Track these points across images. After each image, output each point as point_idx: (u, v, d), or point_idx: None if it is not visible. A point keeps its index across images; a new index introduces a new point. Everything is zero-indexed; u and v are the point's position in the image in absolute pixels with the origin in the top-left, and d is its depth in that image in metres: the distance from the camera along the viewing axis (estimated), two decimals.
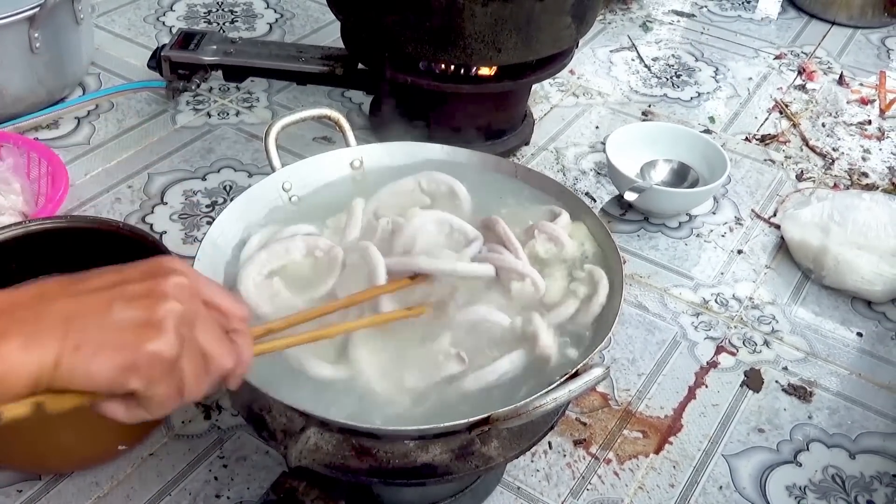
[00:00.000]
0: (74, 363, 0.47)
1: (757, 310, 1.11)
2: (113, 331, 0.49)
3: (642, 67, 1.59)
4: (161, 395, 0.50)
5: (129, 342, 0.49)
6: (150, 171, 1.25)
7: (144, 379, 0.49)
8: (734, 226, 1.24)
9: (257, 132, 1.33)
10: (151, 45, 1.48)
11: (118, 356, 0.48)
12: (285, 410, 0.72)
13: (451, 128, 1.26)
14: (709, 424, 0.96)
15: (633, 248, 1.19)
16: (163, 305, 0.50)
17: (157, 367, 0.49)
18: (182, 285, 0.51)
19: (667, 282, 1.14)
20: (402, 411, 0.68)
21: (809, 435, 0.96)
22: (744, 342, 1.06)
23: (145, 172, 1.25)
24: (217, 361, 0.53)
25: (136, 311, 0.49)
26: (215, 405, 0.94)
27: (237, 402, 0.76)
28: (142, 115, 1.36)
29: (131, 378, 0.49)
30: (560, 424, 0.92)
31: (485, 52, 1.13)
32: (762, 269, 1.17)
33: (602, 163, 1.33)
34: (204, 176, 1.25)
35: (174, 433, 0.91)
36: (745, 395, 1.00)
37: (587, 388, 0.67)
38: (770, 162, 1.37)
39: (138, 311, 0.49)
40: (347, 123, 0.91)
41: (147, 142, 1.31)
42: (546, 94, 1.49)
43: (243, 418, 0.75)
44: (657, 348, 1.05)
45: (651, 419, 0.96)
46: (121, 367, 0.48)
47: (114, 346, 0.48)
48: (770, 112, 1.49)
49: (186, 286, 0.52)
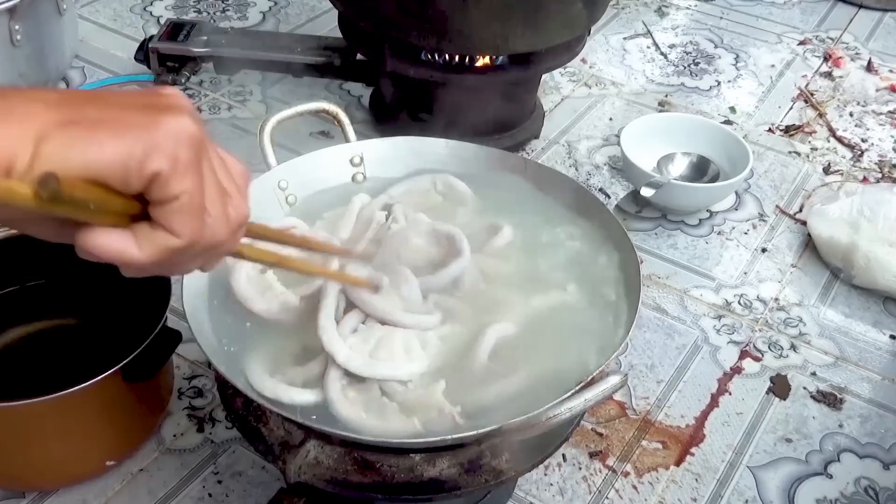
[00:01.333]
0: (72, 136, 0.37)
1: (783, 312, 1.11)
2: (116, 109, 0.39)
3: (658, 55, 1.59)
4: (190, 190, 0.40)
5: (141, 118, 0.39)
6: None
7: (170, 158, 0.39)
8: (758, 222, 1.24)
9: (251, 127, 1.33)
10: (138, 37, 1.48)
11: (132, 130, 0.38)
12: (283, 422, 0.72)
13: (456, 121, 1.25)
14: (733, 434, 0.96)
15: (651, 248, 1.18)
16: (168, 98, 0.42)
17: (184, 145, 0.39)
18: (184, 105, 0.42)
19: (687, 283, 1.14)
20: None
21: (840, 444, 0.96)
22: (769, 346, 1.06)
23: None
24: (235, 197, 0.45)
25: (140, 98, 0.41)
26: (208, 417, 0.93)
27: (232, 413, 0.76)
28: None
29: (154, 154, 0.38)
30: (575, 435, 0.92)
31: (491, 41, 1.13)
32: (788, 269, 1.17)
33: (616, 157, 1.32)
34: None
35: (165, 447, 0.91)
36: (772, 402, 1.00)
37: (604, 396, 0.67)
38: (795, 154, 1.37)
39: (142, 98, 0.41)
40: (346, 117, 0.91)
41: None
42: (556, 85, 1.49)
43: (238, 431, 0.75)
44: (677, 353, 1.04)
45: (671, 429, 0.96)
46: (138, 140, 0.38)
47: (123, 121, 0.39)
48: (794, 101, 1.49)
49: (188, 108, 0.42)
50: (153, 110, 0.40)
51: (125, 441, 0.88)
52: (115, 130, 0.38)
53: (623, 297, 0.78)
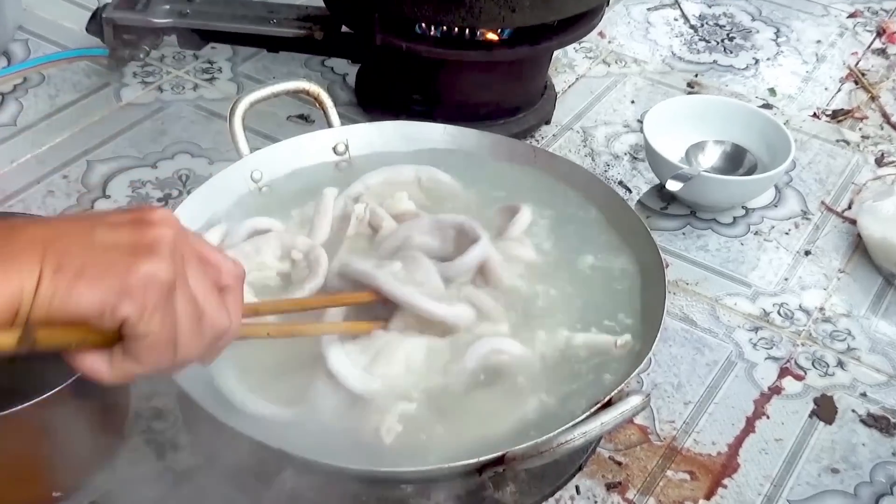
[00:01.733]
0: (57, 286, 0.48)
1: (829, 323, 1.11)
2: (99, 251, 0.50)
3: (687, 28, 1.59)
4: (156, 331, 0.51)
5: (118, 262, 0.50)
6: (89, 158, 1.25)
7: (138, 305, 0.50)
8: (800, 221, 1.24)
9: (220, 110, 1.33)
10: (91, 5, 1.47)
11: (107, 277, 0.49)
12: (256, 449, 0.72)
13: (455, 104, 1.26)
14: (771, 463, 0.96)
15: (678, 250, 1.19)
16: (152, 230, 0.51)
17: (152, 291, 0.50)
18: (169, 226, 0.53)
19: (719, 290, 1.14)
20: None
21: (894, 475, 0.96)
22: (813, 363, 1.06)
23: (84, 159, 1.25)
24: (210, 314, 0.54)
25: (124, 234, 0.51)
26: (170, 443, 0.93)
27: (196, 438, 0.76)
28: (79, 90, 1.36)
29: (124, 301, 0.49)
30: (590, 464, 0.92)
31: (496, 12, 1.13)
32: (835, 274, 1.17)
33: (639, 145, 1.33)
34: (155, 163, 1.25)
35: (120, 477, 0.91)
36: (815, 427, 1.00)
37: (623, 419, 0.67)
38: (843, 143, 1.37)
39: (126, 234, 0.51)
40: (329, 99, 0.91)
41: (86, 122, 1.31)
42: (570, 62, 1.49)
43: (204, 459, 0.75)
44: (707, 371, 1.05)
45: (701, 457, 0.96)
46: (111, 288, 0.49)
47: (101, 266, 0.49)
48: (843, 82, 1.49)
49: (174, 228, 0.53)
50: (132, 252, 0.50)
51: (74, 469, 0.87)
52: (93, 279, 0.49)
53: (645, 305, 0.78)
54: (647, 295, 0.86)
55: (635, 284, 0.88)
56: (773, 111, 1.41)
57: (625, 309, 0.85)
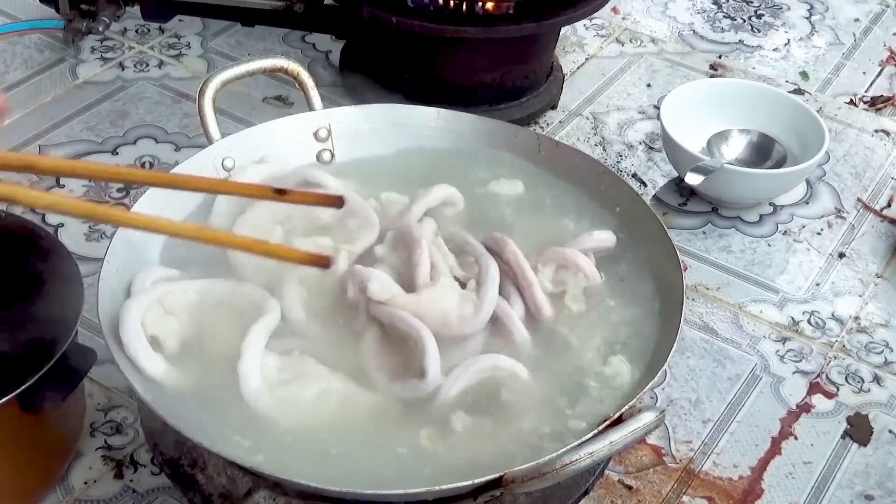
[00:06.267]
0: None
1: (864, 334, 1.11)
2: None
3: (710, 4, 1.59)
4: None
5: None
6: (41, 143, 1.25)
7: None
8: (834, 220, 1.24)
9: (188, 90, 1.33)
10: None
11: None
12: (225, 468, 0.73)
13: (451, 86, 1.26)
14: (799, 489, 0.97)
15: (697, 250, 1.19)
16: None
17: None
18: None
19: (743, 295, 1.14)
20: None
21: None
22: (847, 378, 1.07)
23: (35, 144, 1.25)
24: None
25: None
26: (129, 460, 0.94)
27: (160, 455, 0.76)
28: (31, 66, 1.36)
29: None
30: (597, 488, 0.92)
31: None
32: (872, 280, 1.17)
33: (656, 134, 1.33)
34: (115, 149, 1.26)
35: (74, 497, 0.91)
36: (849, 448, 1.00)
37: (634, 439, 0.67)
38: (883, 133, 1.37)
39: None
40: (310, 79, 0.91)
41: (38, 102, 1.31)
42: (580, 41, 1.49)
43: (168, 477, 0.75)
44: (729, 386, 1.05)
45: (720, 481, 0.97)
46: None
47: None
48: (883, 66, 1.49)
49: None
50: None
51: (23, 489, 0.87)
52: None
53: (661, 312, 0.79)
54: (661, 300, 0.86)
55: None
56: (805, 97, 1.41)
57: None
